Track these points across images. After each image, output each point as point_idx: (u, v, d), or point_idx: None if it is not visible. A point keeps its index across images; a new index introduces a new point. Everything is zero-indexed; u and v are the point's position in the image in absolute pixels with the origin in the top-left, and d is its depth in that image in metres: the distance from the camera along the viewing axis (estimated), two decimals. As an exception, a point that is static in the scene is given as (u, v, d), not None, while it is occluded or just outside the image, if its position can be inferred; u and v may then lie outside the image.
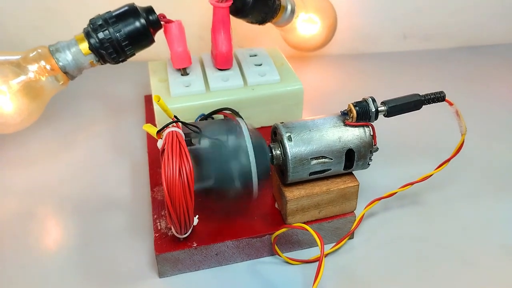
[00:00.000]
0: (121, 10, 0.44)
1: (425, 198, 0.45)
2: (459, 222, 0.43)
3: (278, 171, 0.39)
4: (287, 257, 0.39)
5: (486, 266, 0.39)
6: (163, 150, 0.34)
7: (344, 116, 0.38)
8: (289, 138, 0.37)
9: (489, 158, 0.50)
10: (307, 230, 0.35)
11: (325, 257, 0.39)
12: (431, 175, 0.41)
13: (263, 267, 0.39)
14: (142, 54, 0.47)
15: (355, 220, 0.40)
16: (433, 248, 0.41)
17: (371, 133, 0.38)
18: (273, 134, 0.39)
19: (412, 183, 0.41)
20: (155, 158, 0.47)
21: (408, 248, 0.41)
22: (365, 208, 0.40)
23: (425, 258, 0.40)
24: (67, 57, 0.44)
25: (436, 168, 0.41)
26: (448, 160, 0.41)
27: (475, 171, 0.48)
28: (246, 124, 0.37)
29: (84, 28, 0.44)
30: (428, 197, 0.45)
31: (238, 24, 0.50)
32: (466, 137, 0.40)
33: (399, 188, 0.41)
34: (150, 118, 0.53)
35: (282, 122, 0.38)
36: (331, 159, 0.37)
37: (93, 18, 0.44)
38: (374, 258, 0.40)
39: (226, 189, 0.36)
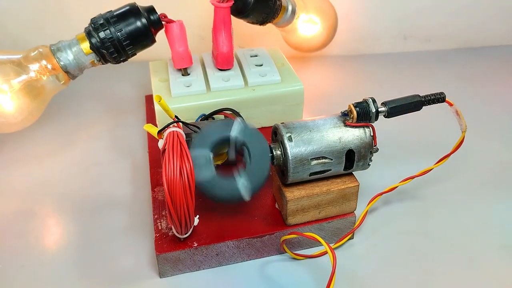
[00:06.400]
0: (122, 10, 0.44)
1: (424, 196, 0.45)
2: (459, 220, 0.43)
3: (278, 171, 0.39)
4: (294, 253, 0.39)
5: (486, 263, 0.39)
6: (164, 150, 0.34)
7: (345, 117, 0.38)
8: (290, 139, 0.37)
9: (489, 158, 0.50)
10: (318, 241, 0.35)
11: (323, 255, 0.39)
12: (431, 169, 0.41)
13: (263, 267, 0.39)
14: (143, 54, 0.47)
15: (355, 220, 0.40)
16: (433, 246, 0.41)
17: (372, 134, 0.38)
18: (274, 135, 0.39)
19: (412, 177, 0.41)
20: (155, 158, 0.47)
21: (408, 247, 0.41)
22: (368, 204, 0.40)
23: (425, 257, 0.40)
24: (68, 56, 0.44)
25: (436, 163, 0.41)
26: (448, 155, 0.41)
27: (475, 171, 0.48)
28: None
29: (86, 28, 0.44)
30: (427, 196, 0.45)
31: (239, 25, 0.50)
32: (466, 137, 0.40)
33: (400, 182, 0.41)
34: (150, 118, 0.53)
35: (283, 123, 0.38)
36: (331, 159, 0.38)
37: (94, 18, 0.44)
38: (373, 256, 0.40)
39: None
